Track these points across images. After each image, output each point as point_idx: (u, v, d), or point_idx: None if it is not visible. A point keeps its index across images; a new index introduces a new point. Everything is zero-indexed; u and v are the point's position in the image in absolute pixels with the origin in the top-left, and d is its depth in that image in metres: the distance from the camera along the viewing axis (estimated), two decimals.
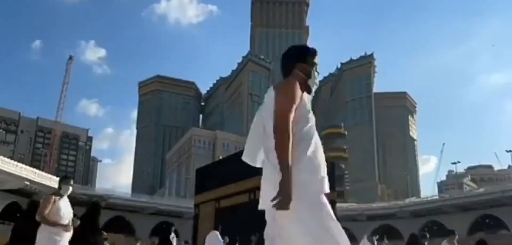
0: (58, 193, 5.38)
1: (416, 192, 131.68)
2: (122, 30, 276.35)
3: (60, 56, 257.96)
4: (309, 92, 2.37)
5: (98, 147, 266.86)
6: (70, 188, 5.46)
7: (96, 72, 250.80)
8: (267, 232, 2.20)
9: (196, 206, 25.22)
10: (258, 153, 2.38)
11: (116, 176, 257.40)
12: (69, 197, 5.50)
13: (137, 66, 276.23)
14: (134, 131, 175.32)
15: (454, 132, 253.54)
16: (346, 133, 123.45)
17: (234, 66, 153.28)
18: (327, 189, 2.13)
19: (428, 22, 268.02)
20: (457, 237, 8.90)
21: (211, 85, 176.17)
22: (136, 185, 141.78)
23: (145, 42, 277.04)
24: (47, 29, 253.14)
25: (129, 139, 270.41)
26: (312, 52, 2.44)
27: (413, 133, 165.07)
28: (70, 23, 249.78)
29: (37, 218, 5.10)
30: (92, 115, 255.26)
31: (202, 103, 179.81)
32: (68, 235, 5.29)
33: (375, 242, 9.88)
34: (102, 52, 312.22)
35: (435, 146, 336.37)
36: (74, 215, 5.46)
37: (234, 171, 22.12)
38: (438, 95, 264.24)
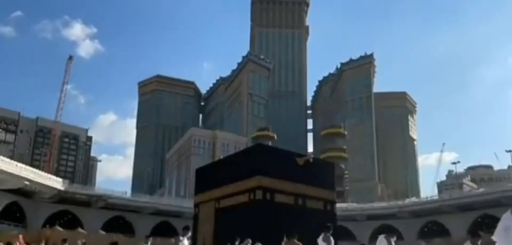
0: None
1: (416, 192, 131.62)
2: (113, 8, 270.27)
3: (36, 32, 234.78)
4: None
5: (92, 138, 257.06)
6: None
7: (86, 54, 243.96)
8: None
9: (196, 205, 25.04)
10: None
11: (112, 169, 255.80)
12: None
13: (130, 46, 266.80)
14: (130, 121, 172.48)
15: (454, 132, 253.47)
16: (346, 132, 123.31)
17: (234, 66, 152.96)
18: None
19: (426, 22, 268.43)
20: (395, 237, 9.82)
21: (211, 85, 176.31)
22: (136, 185, 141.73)
23: (142, 29, 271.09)
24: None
25: (124, 128, 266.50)
26: None
27: (413, 133, 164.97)
28: None
29: None
30: (83, 102, 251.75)
31: (202, 103, 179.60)
32: None
33: (393, 243, 9.71)
34: (92, 30, 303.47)
35: (435, 146, 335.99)
36: None
37: (234, 170, 22.05)
38: (437, 94, 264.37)
